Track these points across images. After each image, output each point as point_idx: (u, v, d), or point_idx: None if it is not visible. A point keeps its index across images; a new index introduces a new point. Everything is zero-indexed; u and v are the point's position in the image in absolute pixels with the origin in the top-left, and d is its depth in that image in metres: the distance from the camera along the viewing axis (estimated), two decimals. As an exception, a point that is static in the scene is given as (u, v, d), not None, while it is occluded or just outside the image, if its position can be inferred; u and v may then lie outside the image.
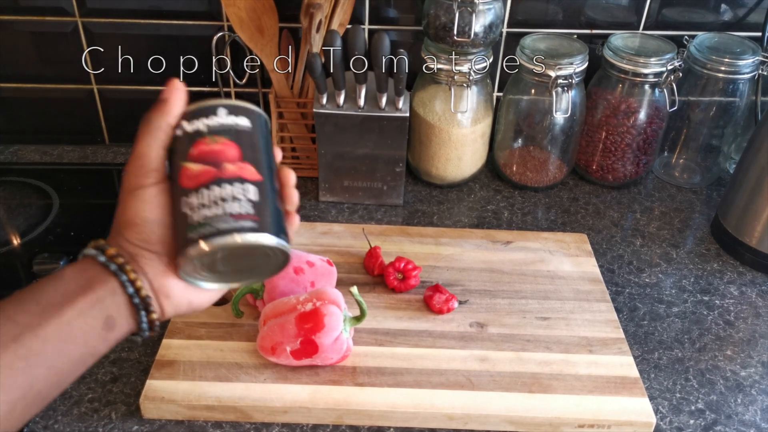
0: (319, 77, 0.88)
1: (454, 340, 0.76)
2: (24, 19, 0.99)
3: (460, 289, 0.83)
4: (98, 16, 0.99)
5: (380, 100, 0.92)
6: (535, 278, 0.85)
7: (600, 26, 1.04)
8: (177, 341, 0.74)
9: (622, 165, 1.03)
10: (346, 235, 0.91)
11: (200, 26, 1.01)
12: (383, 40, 0.85)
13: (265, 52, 0.96)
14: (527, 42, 0.97)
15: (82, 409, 0.70)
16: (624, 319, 0.83)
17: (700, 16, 1.04)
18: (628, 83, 0.97)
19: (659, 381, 0.76)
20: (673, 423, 0.71)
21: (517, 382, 0.72)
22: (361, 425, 0.70)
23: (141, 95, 1.07)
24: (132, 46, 1.02)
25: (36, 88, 1.06)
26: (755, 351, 0.80)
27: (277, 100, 0.98)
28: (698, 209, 1.03)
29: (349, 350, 0.72)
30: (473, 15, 0.89)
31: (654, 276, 0.90)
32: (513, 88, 1.01)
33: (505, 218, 0.99)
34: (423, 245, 0.90)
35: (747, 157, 0.91)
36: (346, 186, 0.99)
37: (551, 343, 0.77)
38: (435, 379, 0.72)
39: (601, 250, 0.94)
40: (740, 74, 0.97)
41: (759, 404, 0.73)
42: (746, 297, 0.87)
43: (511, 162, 1.05)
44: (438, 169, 1.02)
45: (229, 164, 0.46)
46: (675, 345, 0.80)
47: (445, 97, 0.96)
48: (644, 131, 1.00)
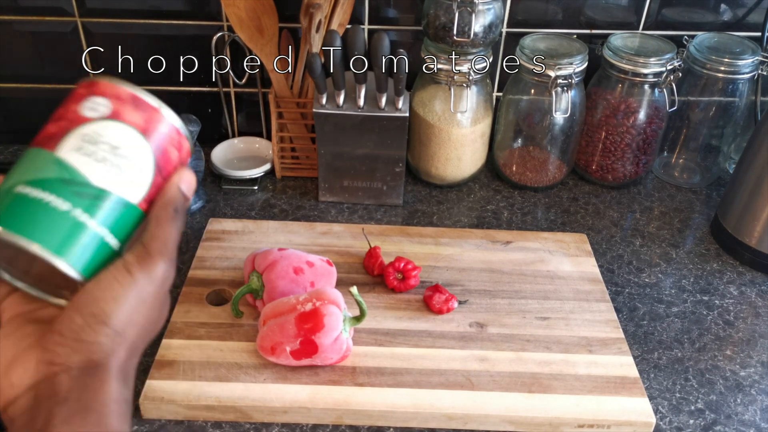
0: (319, 77, 0.88)
1: (453, 340, 0.76)
2: (24, 19, 0.99)
3: (460, 289, 0.83)
4: (98, 16, 0.99)
5: (380, 100, 0.92)
6: (534, 278, 0.85)
7: (600, 26, 1.04)
8: (177, 341, 0.74)
9: (621, 165, 1.03)
10: (345, 235, 0.91)
11: (200, 26, 1.01)
12: (383, 40, 0.85)
13: (265, 52, 0.96)
14: (527, 42, 0.97)
15: (81, 409, 0.70)
16: (624, 319, 0.83)
17: (700, 16, 1.04)
18: (627, 83, 0.97)
19: (659, 381, 0.76)
20: (673, 423, 0.71)
21: (516, 382, 0.72)
22: (361, 425, 0.70)
23: (141, 95, 1.06)
24: (132, 46, 1.02)
25: (36, 88, 1.06)
26: (755, 351, 0.80)
27: (277, 100, 0.98)
28: (698, 209, 1.03)
29: (349, 350, 0.72)
30: (473, 15, 0.89)
31: (654, 276, 0.90)
32: (513, 88, 1.01)
33: (505, 218, 0.99)
34: (423, 245, 0.90)
35: (747, 157, 0.91)
36: (345, 186, 0.99)
37: (551, 343, 0.77)
38: (435, 379, 0.72)
39: (600, 250, 0.94)
40: (740, 74, 0.97)
41: (759, 404, 0.74)
42: (746, 297, 0.87)
43: (510, 162, 1.05)
44: (438, 169, 1.02)
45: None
46: (675, 345, 0.80)
47: (445, 97, 0.96)
48: (644, 131, 1.00)
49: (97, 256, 0.37)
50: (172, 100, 1.07)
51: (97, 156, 0.37)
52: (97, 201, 0.37)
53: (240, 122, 1.11)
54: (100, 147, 0.37)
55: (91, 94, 0.38)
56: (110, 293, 0.36)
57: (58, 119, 0.38)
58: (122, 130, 0.38)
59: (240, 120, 1.10)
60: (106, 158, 0.37)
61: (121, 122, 0.38)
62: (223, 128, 1.10)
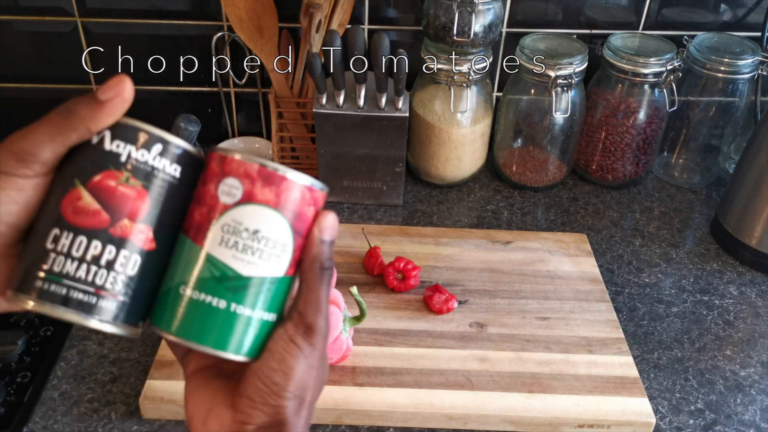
0: (319, 77, 0.88)
1: (453, 340, 0.76)
2: (24, 19, 0.99)
3: (460, 289, 0.83)
4: (98, 16, 0.99)
5: (380, 100, 0.92)
6: (534, 278, 0.85)
7: (600, 26, 1.04)
8: (177, 341, 0.74)
9: (621, 165, 1.03)
10: (345, 235, 0.91)
11: (200, 26, 1.01)
12: (383, 40, 0.85)
13: (265, 52, 0.96)
14: (527, 42, 0.97)
15: (81, 409, 0.70)
16: (623, 319, 0.83)
17: (700, 16, 1.04)
18: (627, 83, 0.97)
19: (659, 381, 0.76)
20: (673, 423, 0.71)
21: (516, 382, 0.72)
22: (361, 425, 0.70)
23: (141, 95, 1.06)
24: (132, 46, 1.02)
25: (36, 88, 1.06)
26: (755, 351, 0.80)
27: (277, 100, 0.98)
28: (698, 209, 1.03)
29: (349, 350, 0.72)
30: (473, 15, 0.89)
31: (653, 276, 0.90)
32: (513, 88, 1.01)
33: (505, 218, 0.99)
34: (423, 245, 0.90)
35: (747, 157, 0.91)
36: (345, 186, 0.99)
37: (551, 343, 0.77)
38: (435, 379, 0.72)
39: (600, 250, 0.94)
40: (740, 74, 0.97)
41: (758, 404, 0.74)
42: (746, 297, 0.87)
43: (510, 162, 1.05)
44: (438, 169, 1.02)
45: (126, 220, 0.37)
46: (674, 345, 0.80)
47: (445, 97, 0.96)
48: (644, 131, 1.00)
49: (259, 336, 0.40)
50: (172, 100, 1.07)
51: (239, 246, 0.38)
52: (249, 290, 0.39)
53: (240, 122, 1.11)
54: (241, 236, 0.38)
55: (224, 174, 0.39)
56: (284, 366, 0.39)
57: (200, 203, 0.39)
58: (258, 213, 0.39)
59: (240, 120, 1.10)
60: (248, 246, 0.39)
61: (256, 204, 0.39)
62: (223, 128, 1.10)
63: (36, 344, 0.76)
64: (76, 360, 0.75)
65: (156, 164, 0.38)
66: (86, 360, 0.75)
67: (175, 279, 0.39)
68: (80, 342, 0.77)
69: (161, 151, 0.38)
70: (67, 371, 0.74)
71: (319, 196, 0.41)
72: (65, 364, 0.75)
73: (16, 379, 0.72)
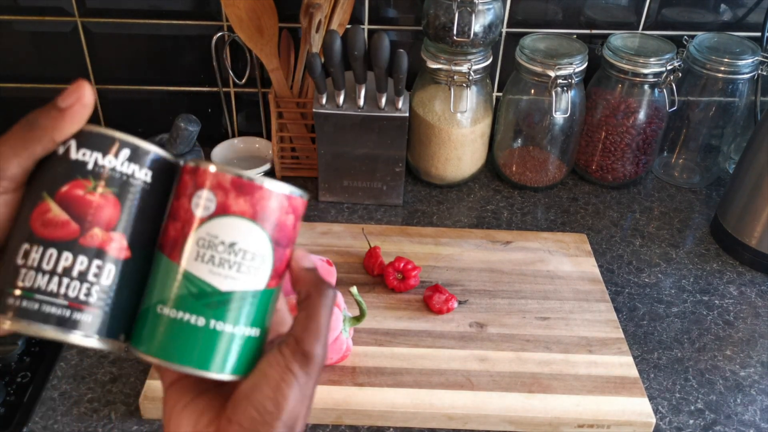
0: (319, 77, 0.88)
1: (453, 340, 0.76)
2: (24, 19, 0.99)
3: (460, 289, 0.83)
4: (98, 16, 0.99)
5: (380, 100, 0.92)
6: (534, 278, 0.85)
7: (599, 26, 1.04)
8: (177, 341, 0.74)
9: (621, 165, 1.03)
10: (345, 235, 0.91)
11: (200, 26, 1.01)
12: (383, 40, 0.85)
13: (265, 52, 0.96)
14: (527, 42, 0.97)
15: (81, 409, 0.70)
16: (623, 319, 0.83)
17: (700, 16, 1.04)
18: (627, 83, 0.97)
19: (659, 381, 0.76)
20: (673, 423, 0.71)
21: (516, 382, 0.72)
22: (361, 425, 0.70)
23: (141, 95, 1.07)
24: (132, 46, 1.02)
25: (36, 88, 1.06)
26: (755, 351, 0.80)
27: (277, 100, 0.98)
28: (698, 209, 1.03)
29: (349, 350, 0.72)
30: (473, 15, 0.89)
31: (653, 276, 0.90)
32: (512, 88, 1.01)
33: (505, 218, 0.99)
34: (423, 245, 0.90)
35: (746, 157, 0.91)
36: (345, 186, 0.99)
37: (551, 343, 0.77)
38: (435, 379, 0.72)
39: (600, 250, 0.94)
40: (740, 74, 0.97)
41: (758, 404, 0.74)
42: (746, 297, 0.87)
43: (510, 162, 1.05)
44: (437, 169, 1.02)
45: (98, 229, 0.36)
46: (674, 345, 0.80)
47: (445, 97, 0.96)
48: (644, 131, 1.00)
49: (243, 353, 0.38)
50: (172, 100, 1.07)
51: (216, 260, 0.37)
52: (229, 305, 0.37)
53: (240, 122, 1.11)
54: (217, 250, 0.37)
55: (197, 186, 0.37)
56: (278, 394, 0.38)
57: (174, 218, 0.38)
58: (233, 224, 0.37)
59: (240, 120, 1.10)
60: (225, 259, 0.37)
61: (231, 216, 0.37)
62: (223, 128, 1.10)
63: (36, 344, 0.76)
64: (76, 360, 0.75)
65: (125, 170, 0.37)
66: (86, 360, 0.75)
67: (153, 298, 0.38)
68: (80, 342, 0.77)
69: (129, 156, 0.37)
70: (67, 371, 0.74)
71: (299, 203, 0.40)
72: (65, 364, 0.75)
73: (16, 379, 0.72)
